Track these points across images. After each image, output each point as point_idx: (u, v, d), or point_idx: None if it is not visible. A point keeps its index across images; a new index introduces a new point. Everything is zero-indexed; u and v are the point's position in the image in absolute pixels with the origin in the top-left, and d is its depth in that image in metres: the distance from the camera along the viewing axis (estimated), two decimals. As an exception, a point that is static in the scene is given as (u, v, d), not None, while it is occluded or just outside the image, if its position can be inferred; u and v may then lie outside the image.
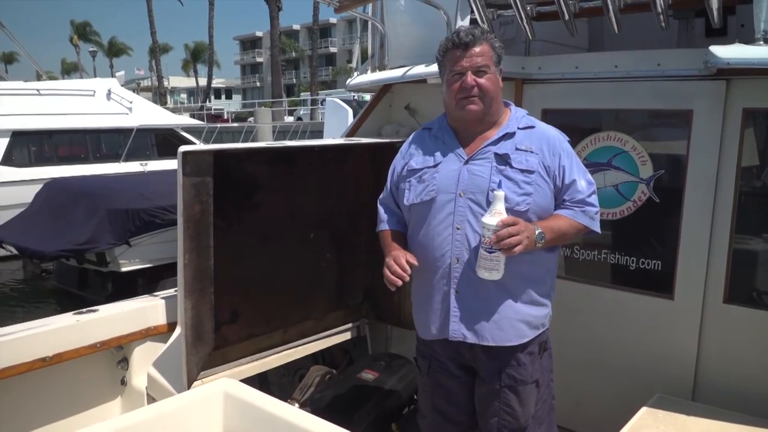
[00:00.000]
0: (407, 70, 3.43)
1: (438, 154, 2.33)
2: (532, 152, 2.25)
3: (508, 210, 2.15)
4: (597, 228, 2.34)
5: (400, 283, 2.22)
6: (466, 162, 2.27)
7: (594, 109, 3.22)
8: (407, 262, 2.22)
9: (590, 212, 2.30)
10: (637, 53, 2.99)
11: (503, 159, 2.23)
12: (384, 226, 2.50)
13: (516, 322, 2.28)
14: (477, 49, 2.22)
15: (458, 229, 2.24)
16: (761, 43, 2.53)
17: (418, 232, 2.35)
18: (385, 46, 3.77)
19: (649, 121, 3.09)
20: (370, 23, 3.81)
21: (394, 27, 3.76)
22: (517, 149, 2.25)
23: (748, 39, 2.61)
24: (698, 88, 2.84)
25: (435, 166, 2.32)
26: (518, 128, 2.30)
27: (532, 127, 2.32)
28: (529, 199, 2.21)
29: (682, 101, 2.89)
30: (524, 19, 3.04)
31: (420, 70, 3.34)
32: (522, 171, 2.22)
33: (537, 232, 2.14)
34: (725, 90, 2.77)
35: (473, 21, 3.19)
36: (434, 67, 3.24)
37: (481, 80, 2.22)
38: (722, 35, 3.07)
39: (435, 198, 2.28)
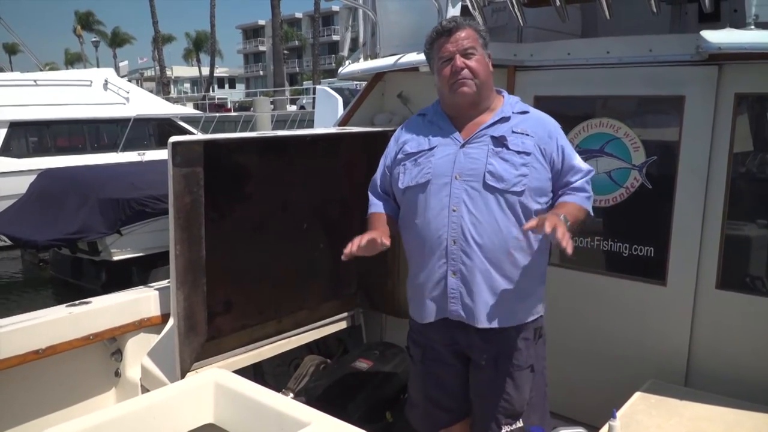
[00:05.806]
0: (399, 58, 3.41)
1: (433, 138, 2.36)
2: (527, 135, 2.29)
3: (504, 190, 2.21)
4: (590, 209, 2.40)
5: (350, 252, 2.21)
6: (462, 146, 2.30)
7: (586, 96, 3.21)
8: (378, 240, 2.22)
9: (591, 197, 2.39)
10: (629, 39, 2.97)
11: (500, 141, 2.27)
12: (372, 209, 2.52)
13: (512, 303, 2.30)
14: (462, 33, 2.26)
15: (454, 211, 2.26)
16: (752, 27, 2.52)
17: (414, 215, 2.36)
18: (377, 34, 3.75)
19: (641, 107, 3.07)
20: (361, 11, 3.79)
21: (386, 15, 3.74)
22: (513, 132, 2.29)
23: (741, 24, 2.59)
24: (690, 74, 2.82)
25: (430, 149, 2.34)
26: (513, 113, 2.34)
27: (526, 112, 2.38)
28: (525, 180, 2.24)
29: (674, 87, 2.87)
30: (515, 6, 3.01)
31: (412, 58, 3.32)
32: (518, 152, 2.26)
33: (561, 217, 2.15)
34: (717, 75, 2.75)
35: (464, 8, 3.16)
36: (426, 55, 3.24)
37: (470, 62, 2.25)
38: (715, 20, 3.04)
39: (430, 181, 2.30)
